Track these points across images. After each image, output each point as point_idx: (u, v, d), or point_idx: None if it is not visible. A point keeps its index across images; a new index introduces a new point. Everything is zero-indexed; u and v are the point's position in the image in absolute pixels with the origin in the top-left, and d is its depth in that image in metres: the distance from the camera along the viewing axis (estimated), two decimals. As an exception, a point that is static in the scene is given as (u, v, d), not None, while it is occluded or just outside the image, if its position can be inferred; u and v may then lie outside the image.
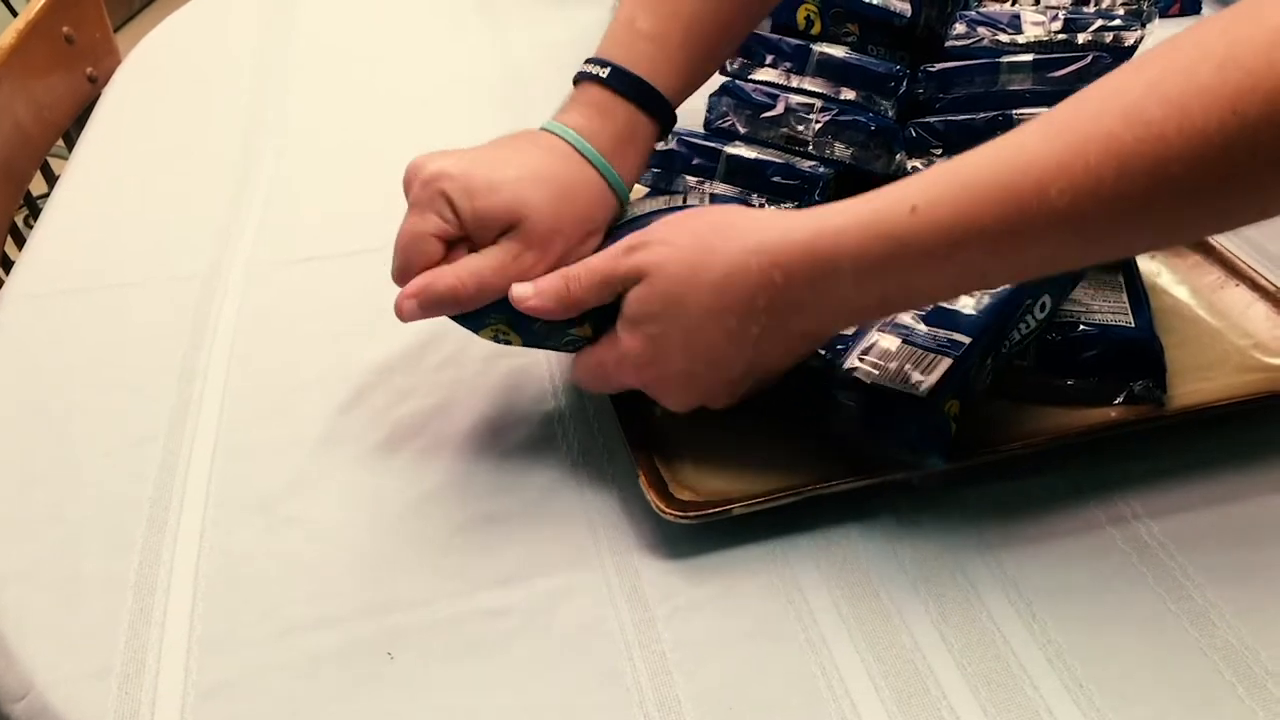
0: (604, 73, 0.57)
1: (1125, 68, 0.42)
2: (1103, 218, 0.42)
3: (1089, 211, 0.41)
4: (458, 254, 0.54)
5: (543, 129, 0.57)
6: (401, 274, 0.55)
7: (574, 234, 0.55)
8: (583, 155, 0.56)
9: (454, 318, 0.55)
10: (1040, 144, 0.42)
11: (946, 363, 0.52)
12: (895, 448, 0.51)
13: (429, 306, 0.54)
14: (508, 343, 0.56)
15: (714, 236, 0.49)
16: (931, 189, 0.44)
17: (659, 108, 0.58)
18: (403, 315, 0.54)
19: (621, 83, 0.57)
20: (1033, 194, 0.42)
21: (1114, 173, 0.40)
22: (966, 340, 0.53)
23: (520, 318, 0.54)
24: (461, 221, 0.54)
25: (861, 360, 0.54)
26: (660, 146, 0.67)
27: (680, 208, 0.57)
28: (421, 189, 0.54)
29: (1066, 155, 0.41)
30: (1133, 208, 0.41)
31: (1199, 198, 0.41)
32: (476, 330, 0.56)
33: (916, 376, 0.52)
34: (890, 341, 0.54)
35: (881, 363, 0.53)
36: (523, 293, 0.53)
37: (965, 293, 0.55)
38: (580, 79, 0.58)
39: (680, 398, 0.53)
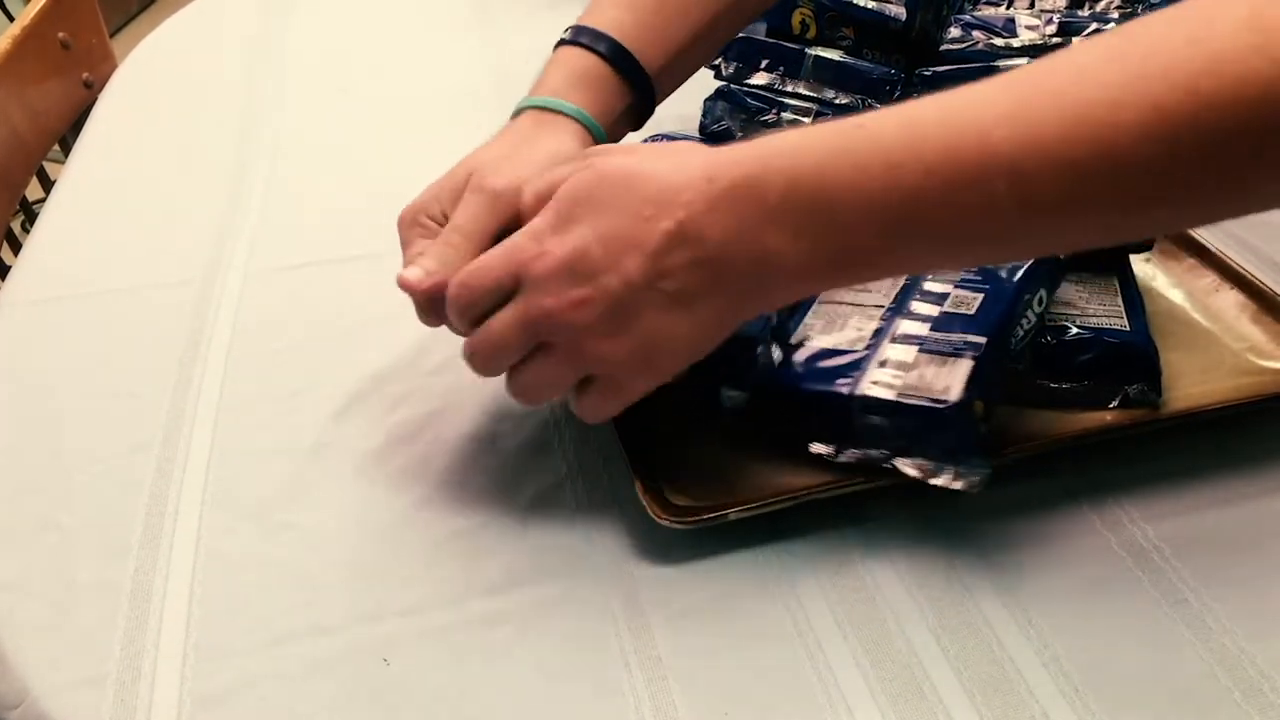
0: (567, 34, 0.59)
1: (1094, 36, 0.42)
2: (1040, 176, 0.40)
3: (1027, 164, 0.40)
4: None
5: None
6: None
7: (528, 157, 0.55)
8: (534, 107, 0.57)
9: None
10: (991, 92, 0.42)
11: (968, 364, 0.52)
12: (934, 459, 0.51)
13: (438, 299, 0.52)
14: None
15: (673, 150, 0.48)
16: (880, 113, 0.44)
17: (607, 46, 0.58)
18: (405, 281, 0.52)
19: (574, 33, 0.59)
20: (975, 134, 0.41)
21: (1057, 125, 0.39)
22: (983, 340, 0.53)
23: None
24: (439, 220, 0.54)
25: (879, 373, 0.53)
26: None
27: None
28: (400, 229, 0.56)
29: (1012, 105, 0.41)
30: (1073, 173, 0.39)
31: (1145, 181, 0.39)
32: None
33: (941, 383, 0.52)
34: (905, 352, 0.54)
35: (900, 373, 0.53)
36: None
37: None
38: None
39: (557, 287, 0.46)
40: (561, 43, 0.60)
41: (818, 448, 0.54)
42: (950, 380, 0.51)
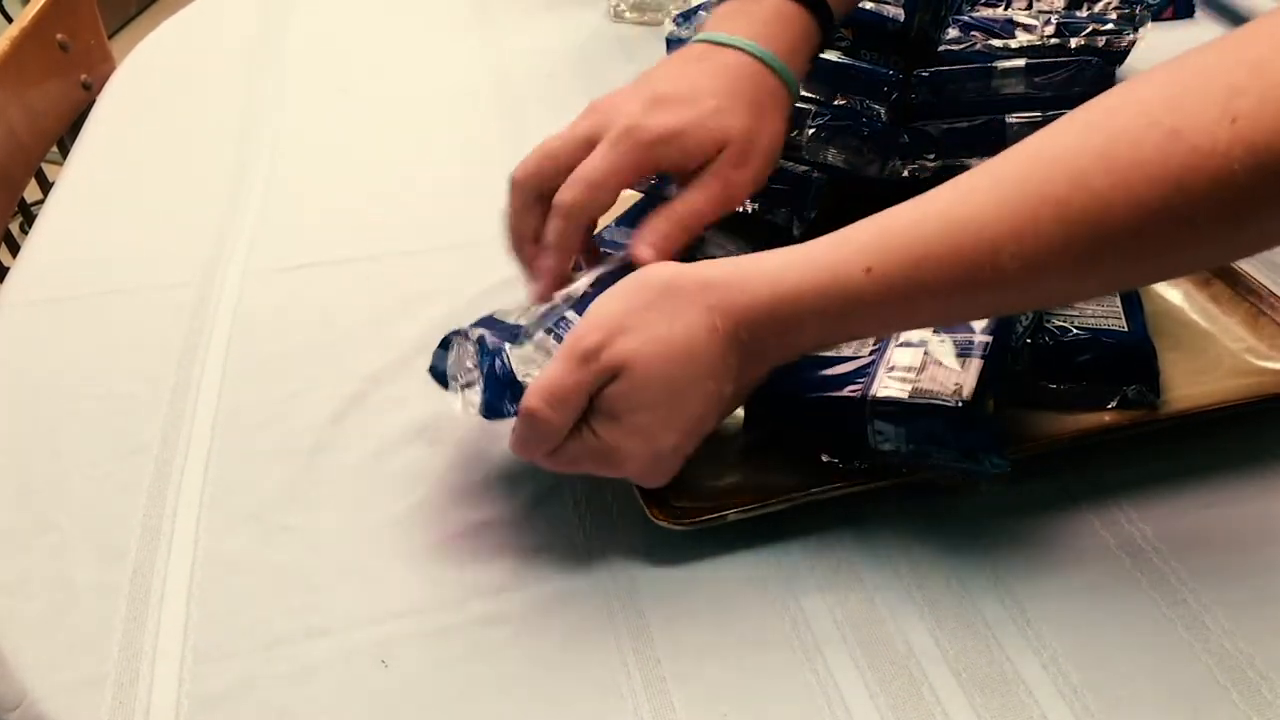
0: None
1: (1077, 124, 0.44)
2: (1051, 277, 0.44)
3: (1038, 273, 0.43)
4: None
5: (705, 40, 0.59)
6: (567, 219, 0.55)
7: (764, 138, 0.57)
8: (741, 51, 0.57)
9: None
10: (992, 207, 0.44)
11: (978, 363, 0.52)
12: (953, 460, 0.51)
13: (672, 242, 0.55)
14: None
15: (673, 302, 0.48)
16: (885, 250, 0.46)
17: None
18: (640, 259, 0.54)
19: None
20: (986, 257, 0.43)
21: (1062, 239, 0.42)
22: (989, 338, 0.53)
23: None
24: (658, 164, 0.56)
25: (889, 377, 0.53)
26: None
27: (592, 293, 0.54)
28: (619, 140, 0.55)
29: (1017, 221, 0.43)
30: (1080, 269, 0.43)
31: (1141, 260, 0.43)
32: None
33: (953, 383, 0.52)
34: (913, 355, 0.54)
35: (910, 375, 0.53)
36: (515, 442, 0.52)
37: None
38: None
39: (666, 470, 0.51)
40: None
41: (829, 455, 0.54)
42: (962, 380, 0.51)
